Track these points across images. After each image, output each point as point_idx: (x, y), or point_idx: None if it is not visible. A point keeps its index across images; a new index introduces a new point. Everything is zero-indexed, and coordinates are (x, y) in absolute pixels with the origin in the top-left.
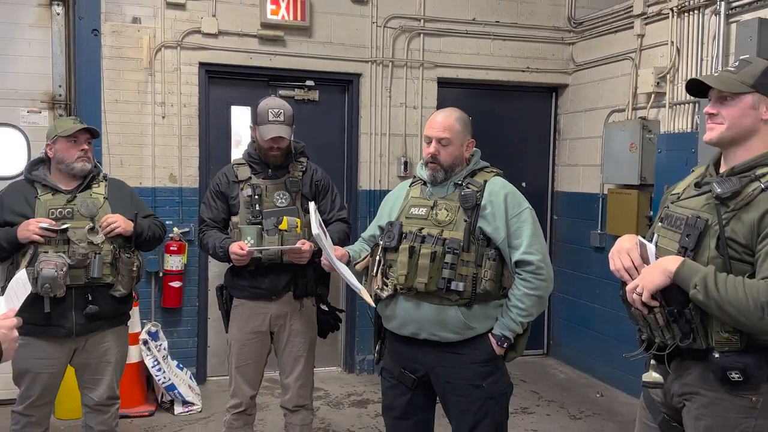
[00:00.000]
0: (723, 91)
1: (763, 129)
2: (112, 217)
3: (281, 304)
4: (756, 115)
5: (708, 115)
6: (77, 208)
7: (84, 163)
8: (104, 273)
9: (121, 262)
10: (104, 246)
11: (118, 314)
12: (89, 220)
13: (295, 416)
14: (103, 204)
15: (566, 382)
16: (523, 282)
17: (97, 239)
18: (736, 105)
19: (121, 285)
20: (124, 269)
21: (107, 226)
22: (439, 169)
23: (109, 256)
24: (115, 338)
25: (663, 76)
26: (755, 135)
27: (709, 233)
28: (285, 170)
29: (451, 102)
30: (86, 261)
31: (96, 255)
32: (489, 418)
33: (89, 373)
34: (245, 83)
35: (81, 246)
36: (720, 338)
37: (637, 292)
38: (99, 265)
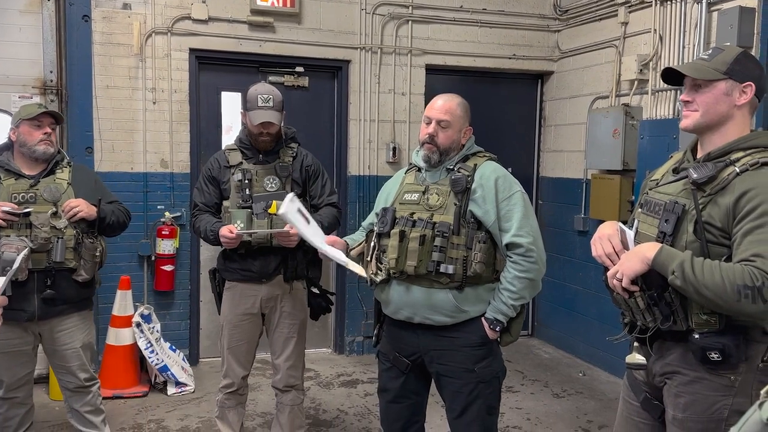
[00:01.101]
0: (697, 79)
1: (738, 114)
2: (75, 202)
3: (272, 286)
4: (730, 101)
5: (683, 102)
6: (40, 193)
7: (46, 146)
8: (67, 257)
9: (84, 247)
10: (67, 231)
11: (82, 299)
12: (52, 204)
13: (286, 396)
14: (67, 189)
15: (550, 361)
16: (514, 265)
17: (60, 224)
18: (709, 92)
19: (83, 270)
20: (87, 254)
21: (69, 210)
22: (435, 151)
23: (72, 240)
24: (79, 322)
25: (646, 63)
26: (730, 121)
27: (687, 218)
28: (275, 155)
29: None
30: (48, 245)
31: (59, 239)
32: (480, 400)
33: (59, 360)
34: (235, 69)
35: (43, 230)
36: (699, 320)
37: (617, 278)
38: (62, 249)
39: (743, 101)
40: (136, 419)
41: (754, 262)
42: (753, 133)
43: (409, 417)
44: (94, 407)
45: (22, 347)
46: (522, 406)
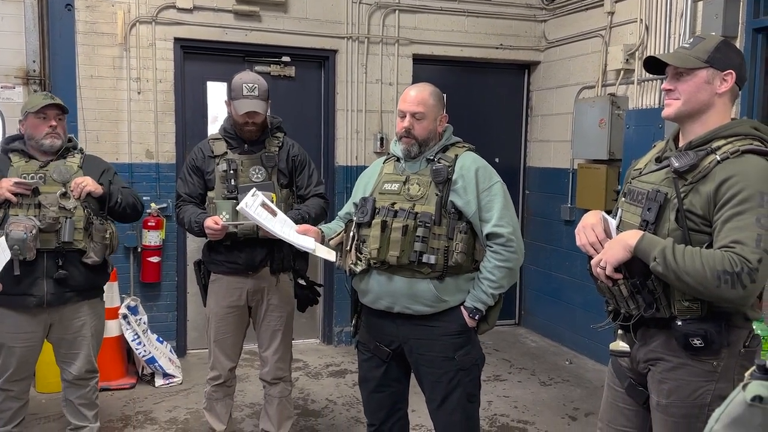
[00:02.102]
0: (678, 68)
1: (719, 103)
2: (80, 179)
3: (258, 278)
4: (711, 90)
5: (665, 91)
6: (50, 174)
7: (53, 140)
8: (76, 238)
9: (94, 228)
10: (77, 211)
11: (92, 286)
12: (61, 185)
13: (274, 389)
14: (77, 171)
15: (537, 350)
16: (494, 254)
17: (69, 204)
18: (691, 80)
19: (93, 252)
20: (96, 236)
21: (77, 186)
22: (414, 143)
23: (82, 221)
24: (90, 311)
25: (632, 53)
26: (711, 109)
27: (669, 206)
28: (261, 145)
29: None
30: (57, 225)
31: (67, 219)
32: (460, 388)
33: (66, 348)
34: (221, 59)
35: (52, 210)
36: (682, 307)
37: (601, 266)
38: (70, 229)
39: (724, 89)
40: (124, 411)
41: (734, 249)
42: (733, 121)
43: (392, 405)
44: (89, 401)
45: (32, 341)
46: (509, 395)
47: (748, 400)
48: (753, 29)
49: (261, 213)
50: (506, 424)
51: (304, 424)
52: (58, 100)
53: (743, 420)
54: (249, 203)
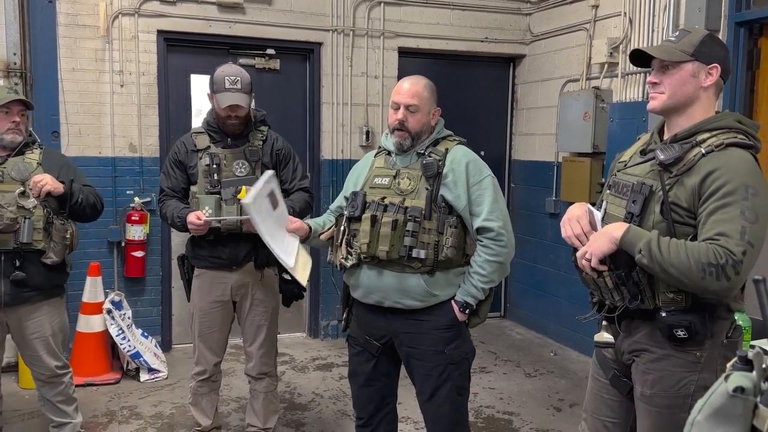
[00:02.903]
0: (664, 60)
1: (703, 96)
2: (39, 176)
3: (242, 273)
4: (696, 83)
5: (651, 84)
6: (7, 172)
7: (14, 135)
8: (35, 239)
9: (54, 228)
10: (36, 211)
11: (51, 286)
12: (20, 184)
13: (260, 383)
14: (36, 169)
15: (522, 342)
16: (485, 249)
17: (29, 204)
18: (677, 74)
19: (53, 252)
20: (57, 236)
21: (35, 185)
22: (407, 137)
23: (41, 221)
24: (49, 310)
25: (616, 46)
26: (696, 102)
27: (654, 198)
28: (245, 139)
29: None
30: (15, 225)
31: (26, 219)
32: (450, 382)
33: (28, 350)
34: (205, 51)
35: (9, 210)
36: (666, 298)
37: (586, 258)
38: (29, 229)
39: (709, 83)
40: (109, 406)
41: (718, 241)
42: (718, 114)
43: (381, 399)
44: (66, 396)
45: None
46: (495, 386)
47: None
48: (735, 23)
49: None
50: (492, 416)
51: (291, 417)
52: (22, 95)
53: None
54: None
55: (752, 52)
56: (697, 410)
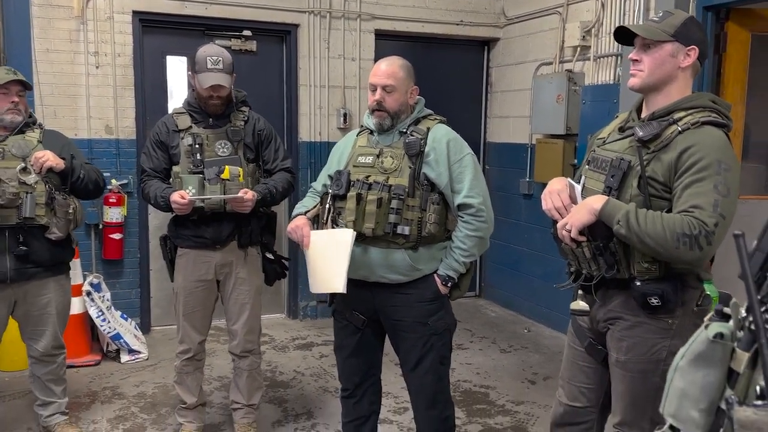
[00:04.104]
0: (646, 39)
1: (681, 76)
2: (41, 153)
3: (226, 252)
4: (674, 63)
5: (632, 61)
6: (8, 149)
7: (14, 116)
8: (38, 214)
9: (57, 203)
10: (38, 186)
11: (57, 262)
12: (21, 160)
13: (243, 361)
14: (37, 146)
15: (497, 320)
16: (465, 224)
17: (30, 179)
18: (656, 53)
19: (56, 227)
20: (60, 211)
21: (36, 161)
22: (386, 116)
23: (43, 196)
24: (55, 288)
25: (588, 30)
26: (673, 82)
27: (632, 173)
28: (226, 120)
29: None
30: (17, 201)
31: (28, 194)
32: (433, 352)
33: (32, 325)
34: (180, 33)
35: (11, 185)
36: (641, 268)
37: (567, 228)
38: (31, 204)
39: (687, 63)
40: (90, 387)
41: (693, 213)
42: (694, 94)
43: (366, 371)
44: (57, 377)
45: None
46: (471, 362)
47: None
48: (703, 7)
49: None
50: (469, 390)
51: (273, 395)
52: (21, 76)
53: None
54: None
55: (719, 36)
56: (680, 356)
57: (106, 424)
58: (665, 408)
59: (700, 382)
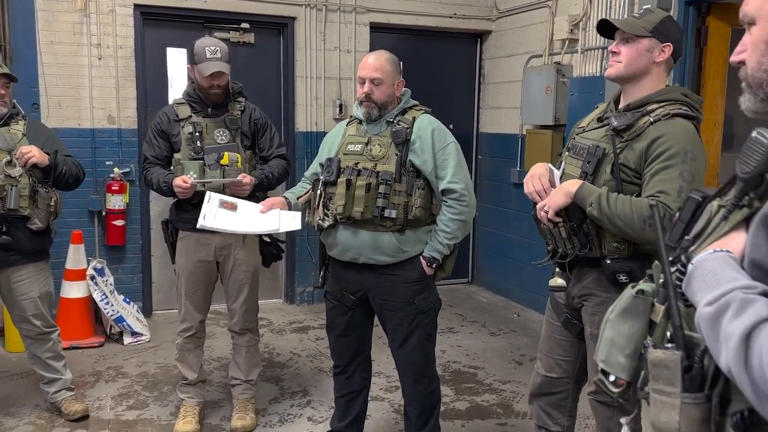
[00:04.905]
0: (626, 33)
1: (655, 71)
2: (26, 148)
3: (225, 235)
4: (650, 57)
5: (611, 53)
6: None
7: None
8: (21, 205)
9: (39, 195)
10: (22, 179)
11: (37, 249)
12: (6, 153)
13: (242, 338)
14: (22, 139)
15: (487, 305)
16: (449, 208)
17: (15, 172)
18: (634, 46)
19: (38, 218)
20: (41, 203)
21: (22, 156)
22: (374, 107)
23: (27, 189)
24: (35, 273)
25: (576, 23)
26: (648, 75)
27: (606, 160)
28: (224, 109)
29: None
30: (2, 193)
31: (12, 187)
32: (420, 329)
33: (17, 310)
34: (180, 25)
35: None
36: (611, 247)
37: (545, 210)
38: (15, 196)
39: (661, 59)
40: (95, 367)
41: (659, 197)
42: (667, 87)
43: (356, 348)
44: (55, 353)
45: None
46: (461, 344)
47: (634, 293)
48: (685, 2)
49: (222, 217)
50: (458, 370)
51: (271, 374)
52: (6, 69)
53: (630, 309)
54: (208, 213)
55: (700, 29)
56: (610, 311)
57: (111, 401)
58: (597, 355)
59: (626, 333)
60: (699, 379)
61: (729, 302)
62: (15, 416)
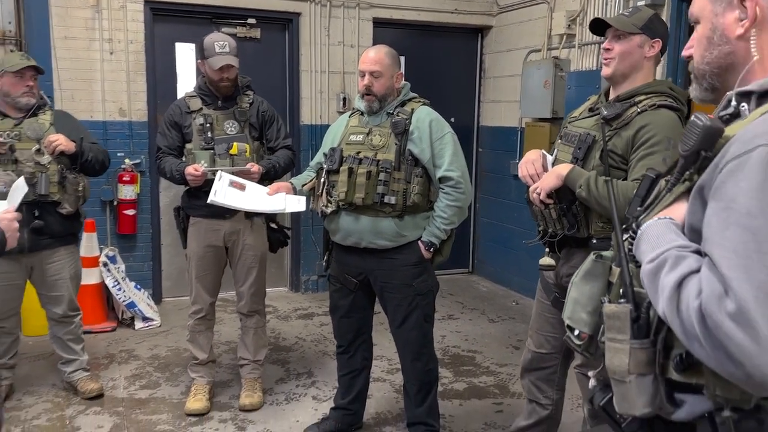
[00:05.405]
0: (618, 30)
1: (646, 65)
2: (54, 136)
3: (234, 221)
4: (641, 53)
5: (605, 49)
6: (24, 131)
7: (29, 98)
8: (51, 191)
9: (68, 181)
10: (51, 166)
11: (67, 233)
12: (35, 142)
13: (250, 320)
14: (49, 129)
15: (487, 294)
16: (446, 195)
17: (44, 160)
18: (627, 43)
19: (67, 203)
20: (70, 188)
21: (50, 144)
22: (374, 100)
23: (56, 175)
24: (66, 255)
25: (573, 19)
26: (639, 70)
27: (595, 147)
28: (233, 102)
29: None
30: (33, 179)
31: (42, 174)
32: (418, 310)
33: (47, 290)
34: (189, 21)
35: (28, 165)
36: (597, 228)
37: (537, 192)
38: (46, 182)
39: (651, 54)
40: (108, 350)
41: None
42: (654, 81)
43: (358, 329)
44: (75, 336)
45: (15, 280)
46: (461, 330)
47: (594, 258)
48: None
49: (231, 194)
50: (457, 354)
51: (277, 357)
52: (34, 61)
53: (591, 271)
54: (219, 190)
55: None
56: (575, 275)
57: (124, 381)
58: (564, 313)
59: (587, 292)
60: (645, 327)
61: (666, 258)
62: (34, 395)
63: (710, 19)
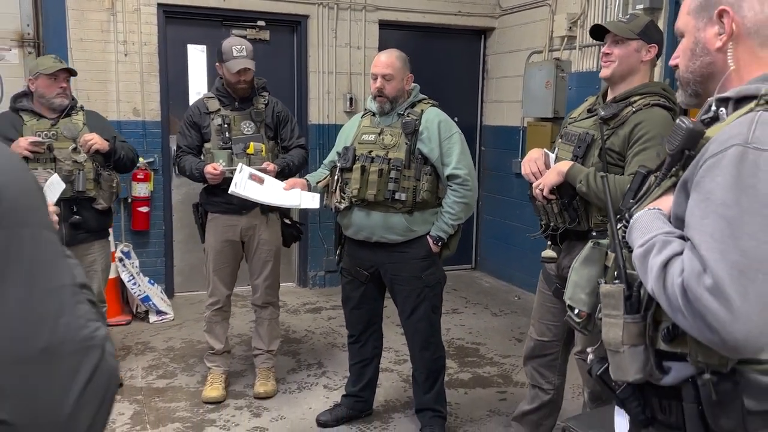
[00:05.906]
0: (617, 35)
1: (642, 69)
2: (89, 136)
3: (250, 217)
4: (638, 57)
5: (604, 54)
6: (61, 131)
7: (62, 99)
8: (88, 188)
9: (102, 178)
10: (87, 164)
11: (101, 227)
12: (71, 141)
13: (264, 311)
14: (83, 128)
15: (490, 289)
16: (453, 192)
17: (80, 158)
18: (625, 47)
19: (102, 199)
20: (105, 184)
21: (86, 143)
22: (386, 102)
23: (92, 172)
24: (99, 249)
25: (575, 21)
26: (636, 73)
27: (594, 145)
28: (250, 103)
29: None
30: (71, 177)
31: (80, 171)
32: (427, 301)
33: None
34: (200, 23)
35: (66, 163)
36: (596, 221)
37: (540, 188)
38: (83, 180)
39: (648, 58)
40: (124, 342)
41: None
42: (650, 82)
43: (369, 319)
44: None
45: None
46: (465, 324)
47: (592, 245)
48: (675, 1)
49: (250, 187)
50: (462, 346)
51: (288, 348)
52: (66, 64)
53: (589, 257)
54: (239, 182)
55: None
56: (575, 260)
57: (142, 372)
58: (566, 294)
59: (586, 276)
60: (637, 304)
61: (654, 243)
62: None
63: (693, 33)
